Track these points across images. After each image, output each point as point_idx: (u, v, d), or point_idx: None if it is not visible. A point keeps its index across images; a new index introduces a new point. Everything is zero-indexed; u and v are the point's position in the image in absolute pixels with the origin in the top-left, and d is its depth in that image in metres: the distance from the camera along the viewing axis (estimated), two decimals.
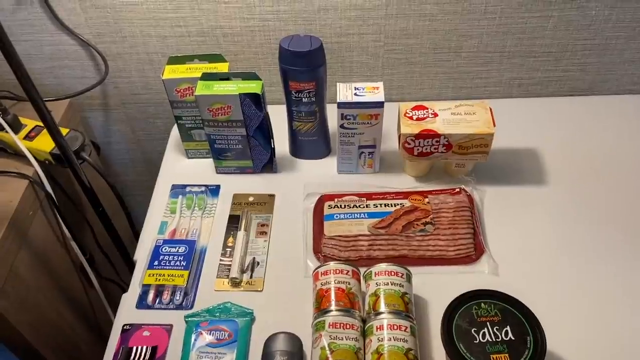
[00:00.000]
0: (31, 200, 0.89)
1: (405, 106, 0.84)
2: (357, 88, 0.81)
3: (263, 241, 0.82)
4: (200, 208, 0.86)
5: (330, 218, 0.82)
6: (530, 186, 0.87)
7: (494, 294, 0.66)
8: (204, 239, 0.82)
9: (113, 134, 1.13)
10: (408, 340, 0.64)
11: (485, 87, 1.02)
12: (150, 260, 0.78)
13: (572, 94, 1.03)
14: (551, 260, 0.77)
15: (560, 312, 0.71)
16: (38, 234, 0.91)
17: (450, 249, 0.79)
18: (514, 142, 0.93)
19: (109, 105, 1.07)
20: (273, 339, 0.68)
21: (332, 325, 0.65)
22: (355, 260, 0.78)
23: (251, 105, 0.80)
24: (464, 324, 0.64)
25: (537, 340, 0.62)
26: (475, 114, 0.82)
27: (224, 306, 0.74)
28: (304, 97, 0.83)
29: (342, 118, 0.81)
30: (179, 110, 0.87)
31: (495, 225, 0.82)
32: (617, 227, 0.81)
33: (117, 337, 0.72)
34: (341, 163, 0.89)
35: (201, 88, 0.80)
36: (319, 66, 0.80)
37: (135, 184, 1.24)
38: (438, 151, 0.83)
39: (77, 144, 0.88)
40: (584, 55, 0.97)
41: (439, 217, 0.82)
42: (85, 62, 1.00)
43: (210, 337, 0.70)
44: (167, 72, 0.84)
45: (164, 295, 0.75)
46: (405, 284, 0.69)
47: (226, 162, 0.89)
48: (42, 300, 0.92)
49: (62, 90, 1.03)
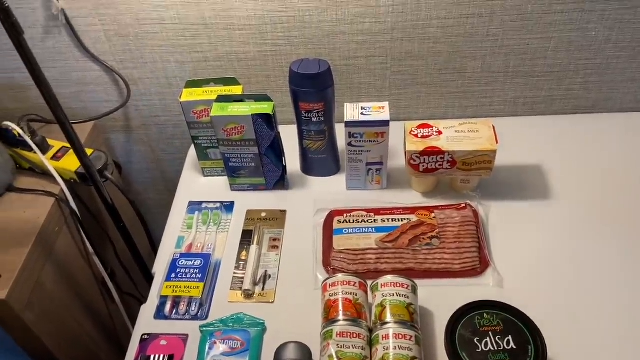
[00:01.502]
0: (57, 217, 0.94)
1: (411, 125, 0.88)
2: (364, 108, 0.85)
3: (275, 255, 0.85)
4: (216, 223, 0.90)
5: (340, 232, 0.86)
6: (535, 202, 0.89)
7: (496, 304, 0.68)
8: (218, 252, 0.86)
9: (134, 154, 1.18)
10: (413, 349, 0.66)
11: (490, 105, 1.05)
12: (168, 272, 0.82)
13: (576, 112, 1.05)
14: (555, 274, 0.79)
15: (564, 324, 0.73)
16: (63, 249, 0.96)
17: (456, 263, 0.81)
18: (519, 159, 0.96)
19: (130, 127, 1.13)
20: (284, 348, 0.70)
21: (340, 334, 0.67)
22: (363, 273, 0.81)
23: (263, 125, 0.85)
24: (467, 334, 0.66)
25: (539, 349, 0.64)
26: (479, 132, 0.85)
27: (237, 317, 0.77)
28: (313, 117, 0.87)
29: (350, 136, 0.85)
30: (196, 131, 0.92)
31: (500, 240, 0.84)
32: (621, 242, 0.82)
33: (136, 346, 0.75)
34: (350, 180, 0.92)
35: (216, 109, 0.85)
36: (327, 87, 0.85)
37: (154, 202, 1.29)
38: (443, 167, 0.86)
39: (101, 163, 0.93)
40: (586, 75, 1.00)
41: (445, 231, 0.85)
42: (109, 86, 1.06)
43: (224, 346, 0.73)
44: (184, 95, 0.89)
45: (180, 306, 0.79)
46: (410, 295, 0.72)
47: (240, 179, 0.94)
48: (64, 312, 0.96)
49: (86, 113, 1.09)
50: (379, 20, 0.93)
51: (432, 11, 0.91)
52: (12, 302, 0.81)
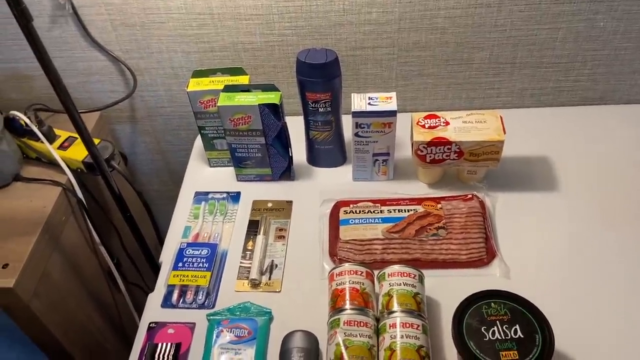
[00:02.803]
0: (64, 206, 0.94)
1: (418, 115, 0.87)
2: (371, 98, 0.84)
3: (281, 245, 0.85)
4: (222, 213, 0.90)
5: (346, 223, 0.86)
6: (542, 193, 0.89)
7: (503, 294, 0.68)
8: (225, 242, 0.86)
9: (139, 145, 1.19)
10: (420, 338, 0.66)
11: (497, 97, 1.05)
12: (175, 262, 0.82)
13: (584, 104, 1.05)
14: (562, 264, 0.79)
15: (571, 314, 0.73)
16: (70, 238, 0.96)
17: (463, 253, 0.81)
18: (526, 150, 0.96)
19: (136, 117, 1.13)
20: (290, 337, 0.71)
21: (347, 323, 0.68)
22: (370, 263, 0.81)
23: (270, 115, 0.84)
24: (475, 323, 0.66)
25: (546, 338, 0.64)
26: (486, 122, 0.85)
27: (244, 306, 0.77)
28: (320, 107, 0.87)
29: (357, 127, 0.85)
30: (202, 121, 0.92)
31: (507, 231, 0.84)
32: (628, 233, 0.82)
33: (143, 334, 0.76)
34: (356, 171, 0.92)
35: (223, 99, 0.85)
36: (334, 77, 0.84)
37: (159, 193, 1.29)
38: (450, 158, 0.86)
39: (108, 153, 0.93)
40: (593, 66, 0.99)
41: (452, 222, 0.85)
42: (115, 76, 1.06)
43: (231, 335, 0.74)
44: (191, 84, 0.89)
45: (187, 295, 0.79)
46: (417, 284, 0.72)
47: (246, 170, 0.94)
48: (71, 301, 0.97)
49: (92, 103, 1.09)
50: (386, 10, 0.92)
51: (440, 1, 0.91)
52: (19, 291, 0.81)
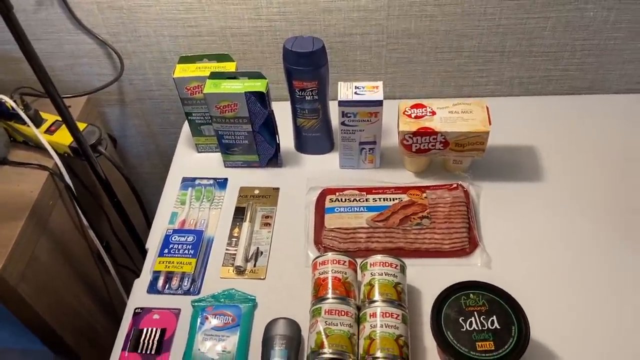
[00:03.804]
0: (51, 190, 0.95)
1: (405, 104, 0.87)
2: (358, 87, 0.84)
3: (267, 232, 0.86)
4: (209, 200, 0.91)
5: (331, 211, 0.86)
6: (527, 183, 0.89)
7: (481, 285, 0.69)
8: (211, 229, 0.87)
9: (129, 128, 1.18)
10: (399, 327, 0.68)
11: (486, 85, 1.05)
12: (161, 248, 0.83)
13: (572, 93, 1.05)
14: (543, 254, 0.80)
15: (550, 305, 0.74)
16: (58, 222, 0.97)
17: (446, 243, 0.82)
18: (513, 139, 0.96)
19: (125, 101, 1.12)
20: (273, 324, 0.72)
21: (328, 312, 0.69)
22: (354, 251, 0.82)
23: (256, 103, 0.84)
24: (453, 313, 0.67)
25: (522, 330, 0.65)
26: (472, 112, 0.85)
27: (229, 292, 0.78)
28: (307, 95, 0.86)
29: (343, 116, 0.85)
30: (189, 107, 0.92)
31: (490, 221, 0.85)
32: (612, 224, 0.83)
33: (129, 320, 0.77)
34: (343, 158, 0.93)
35: (209, 86, 0.84)
36: (321, 66, 0.84)
37: (150, 176, 1.29)
38: (435, 148, 0.86)
39: (94, 138, 0.93)
40: (583, 55, 0.99)
41: (436, 211, 0.85)
42: (103, 60, 1.05)
43: (215, 321, 0.75)
44: (178, 70, 0.88)
45: (173, 282, 0.80)
46: (398, 274, 0.73)
47: (233, 156, 0.94)
48: (61, 285, 0.98)
49: (81, 87, 1.09)
50: None
51: None
52: (6, 275, 0.82)
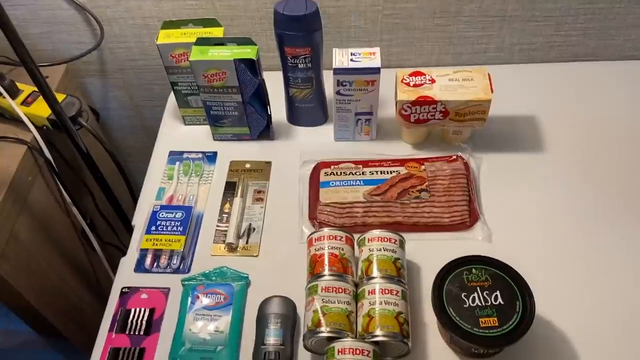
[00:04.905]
0: (30, 165, 0.90)
1: (403, 72, 0.83)
2: (354, 54, 0.80)
3: (259, 207, 0.82)
4: (197, 174, 0.87)
5: (326, 185, 0.83)
6: (528, 154, 0.86)
7: (484, 259, 0.67)
8: (200, 205, 0.83)
9: (111, 100, 1.13)
10: (399, 304, 0.65)
11: (485, 52, 1.01)
12: (148, 225, 0.79)
13: (574, 60, 1.01)
14: (546, 227, 0.78)
15: (552, 278, 0.72)
16: (38, 199, 0.92)
17: (445, 216, 0.79)
18: (514, 109, 0.92)
19: (106, 71, 1.07)
20: (267, 302, 0.69)
21: (325, 289, 0.66)
22: (350, 226, 0.79)
23: (246, 71, 0.80)
24: (455, 289, 0.65)
25: (527, 305, 0.63)
26: (473, 80, 0.82)
27: (220, 270, 0.75)
28: (300, 63, 0.82)
29: (338, 84, 0.81)
30: (175, 76, 0.87)
31: (491, 193, 0.82)
32: (615, 194, 0.80)
33: (116, 300, 0.73)
34: (338, 130, 0.89)
35: (196, 53, 0.79)
36: (314, 31, 0.79)
37: (135, 150, 1.24)
38: (435, 118, 0.82)
39: (74, 109, 0.88)
40: (586, 20, 0.95)
41: (435, 184, 0.82)
42: (81, 26, 0.99)
43: (207, 300, 0.72)
44: (161, 36, 0.83)
45: (161, 260, 0.77)
46: (397, 249, 0.70)
47: (223, 129, 0.89)
48: (43, 264, 0.94)
49: (58, 56, 1.03)
50: None
51: None
52: None
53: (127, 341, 0.69)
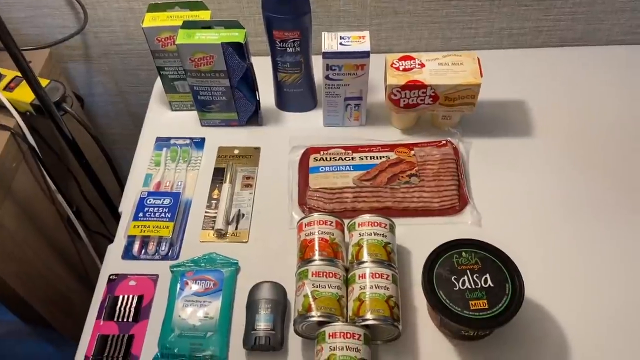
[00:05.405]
0: (13, 152, 0.88)
1: (392, 57, 0.83)
2: (343, 37, 0.79)
3: (248, 193, 0.82)
4: (185, 161, 0.86)
5: (316, 170, 0.82)
6: (517, 138, 0.87)
7: (474, 242, 0.67)
8: (189, 191, 0.82)
9: (96, 85, 1.11)
10: (389, 288, 0.65)
11: (474, 37, 1.00)
12: (135, 212, 0.78)
13: (563, 45, 1.01)
14: (535, 211, 0.78)
15: (541, 261, 0.72)
16: (22, 186, 0.90)
17: (435, 201, 0.79)
18: (503, 93, 0.92)
19: (90, 55, 1.05)
20: (258, 288, 0.69)
21: (315, 274, 0.66)
22: (340, 212, 0.78)
23: (234, 55, 0.78)
24: (445, 272, 0.65)
25: (516, 287, 0.63)
26: (463, 64, 0.81)
27: (209, 257, 0.74)
28: (288, 46, 0.81)
29: (327, 69, 0.80)
30: (161, 61, 0.85)
31: (480, 178, 0.82)
32: (604, 179, 0.81)
33: (103, 287, 0.72)
34: (327, 115, 0.88)
35: (182, 37, 0.78)
36: (303, 14, 0.78)
37: (121, 136, 1.23)
38: (424, 103, 0.82)
39: (58, 95, 0.86)
40: (574, 4, 0.95)
41: (424, 169, 0.82)
42: (65, 10, 0.97)
43: (196, 286, 0.71)
44: (147, 20, 0.81)
45: (149, 246, 0.76)
46: (388, 234, 0.70)
47: (210, 114, 0.88)
48: (28, 251, 0.93)
49: (42, 40, 1.00)
50: None
51: None
52: None
53: (116, 328, 0.69)
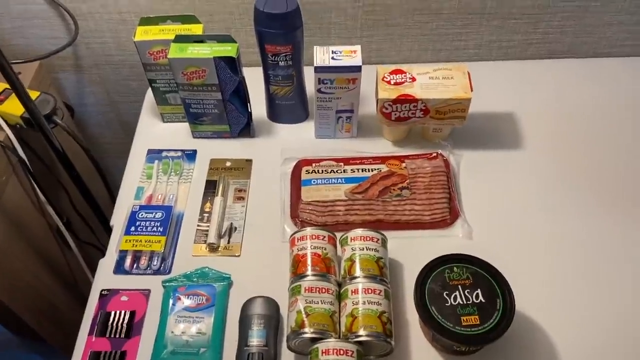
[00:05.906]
0: (3, 165, 0.87)
1: (383, 70, 0.83)
2: (335, 51, 0.79)
3: (240, 206, 0.82)
4: (177, 173, 0.86)
5: (308, 183, 0.82)
6: (507, 150, 0.87)
7: (466, 258, 0.68)
8: (181, 204, 0.82)
9: (87, 96, 1.10)
10: (382, 304, 0.65)
11: (464, 49, 1.01)
12: (127, 226, 0.78)
13: (551, 57, 1.03)
14: (525, 224, 0.79)
15: (533, 275, 0.73)
16: (12, 199, 0.90)
17: (426, 214, 0.80)
18: (492, 105, 0.93)
19: (81, 66, 1.04)
20: (250, 303, 0.69)
21: (308, 290, 0.66)
22: (332, 225, 0.79)
23: (226, 69, 0.79)
24: (437, 288, 0.65)
25: (507, 302, 0.64)
26: (453, 79, 0.82)
27: (202, 271, 0.74)
28: (280, 60, 0.81)
29: (319, 82, 0.80)
30: (153, 74, 0.85)
31: (471, 190, 0.83)
32: (592, 191, 0.82)
33: (95, 302, 0.72)
34: (319, 128, 0.88)
35: (174, 51, 0.78)
36: (295, 29, 0.79)
37: (112, 147, 1.22)
38: (415, 116, 0.83)
39: (49, 107, 0.86)
40: (563, 18, 0.96)
41: (416, 182, 0.83)
42: (55, 21, 0.96)
43: (189, 302, 0.71)
44: (139, 33, 0.81)
45: (141, 261, 0.76)
46: (380, 248, 0.70)
47: (202, 126, 0.88)
48: (18, 264, 0.92)
49: (32, 52, 1.00)
50: None
51: None
52: None
53: (108, 345, 0.68)
